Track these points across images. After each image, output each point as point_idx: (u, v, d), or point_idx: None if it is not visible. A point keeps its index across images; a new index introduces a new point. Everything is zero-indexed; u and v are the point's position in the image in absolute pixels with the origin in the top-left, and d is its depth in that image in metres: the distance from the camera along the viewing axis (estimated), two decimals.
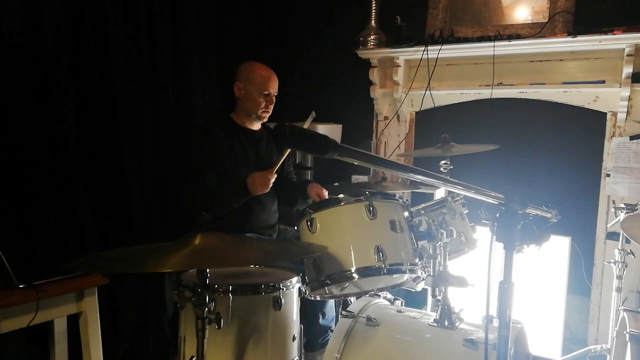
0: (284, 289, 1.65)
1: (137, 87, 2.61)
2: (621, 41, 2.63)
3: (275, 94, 2.42)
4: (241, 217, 2.30)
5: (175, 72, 2.83)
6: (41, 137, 2.21)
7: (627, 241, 2.31)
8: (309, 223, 1.72)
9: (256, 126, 2.49)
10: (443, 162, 2.51)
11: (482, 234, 2.26)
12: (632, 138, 2.77)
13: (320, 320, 2.43)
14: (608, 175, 2.83)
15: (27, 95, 2.17)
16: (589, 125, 2.92)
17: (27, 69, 2.16)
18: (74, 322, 2.08)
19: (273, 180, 2.21)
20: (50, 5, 2.20)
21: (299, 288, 1.74)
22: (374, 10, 3.26)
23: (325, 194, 2.42)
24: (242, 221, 2.32)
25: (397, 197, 1.81)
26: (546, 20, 2.90)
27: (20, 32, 2.13)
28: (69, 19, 2.29)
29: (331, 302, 2.44)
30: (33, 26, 2.16)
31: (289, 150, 2.23)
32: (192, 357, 1.39)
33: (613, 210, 2.44)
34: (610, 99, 2.81)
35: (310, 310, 2.38)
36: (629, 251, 2.34)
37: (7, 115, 2.10)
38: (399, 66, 3.23)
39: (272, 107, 2.43)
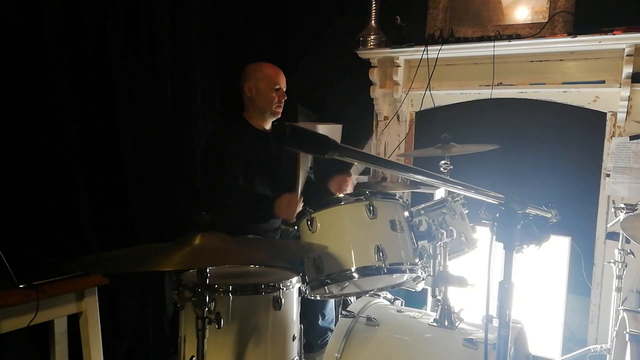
0: (284, 289, 1.65)
1: (137, 87, 2.60)
2: (621, 41, 2.63)
3: (285, 89, 2.46)
4: (245, 220, 2.29)
5: (175, 72, 2.83)
6: (41, 137, 2.21)
7: (627, 241, 2.31)
8: (309, 222, 1.72)
9: (270, 125, 2.50)
10: (443, 162, 2.50)
11: (482, 234, 2.25)
12: (632, 138, 2.77)
13: (320, 322, 2.42)
14: (608, 175, 2.83)
15: (27, 95, 2.17)
16: (589, 125, 2.92)
17: (26, 69, 2.15)
18: (74, 322, 2.08)
19: (299, 207, 2.10)
20: (49, 5, 2.20)
21: (299, 288, 1.74)
22: (374, 10, 3.26)
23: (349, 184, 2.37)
24: (246, 224, 2.31)
25: (397, 197, 1.80)
26: (546, 21, 2.90)
27: (19, 31, 2.12)
28: (69, 19, 2.29)
29: (331, 304, 2.44)
30: (33, 26, 2.16)
31: (302, 158, 2.10)
32: (192, 357, 1.39)
33: (613, 210, 2.44)
34: (610, 99, 2.81)
35: (310, 312, 2.38)
36: (628, 251, 2.34)
37: (7, 115, 2.10)
38: (399, 66, 3.23)
39: (283, 102, 2.46)
